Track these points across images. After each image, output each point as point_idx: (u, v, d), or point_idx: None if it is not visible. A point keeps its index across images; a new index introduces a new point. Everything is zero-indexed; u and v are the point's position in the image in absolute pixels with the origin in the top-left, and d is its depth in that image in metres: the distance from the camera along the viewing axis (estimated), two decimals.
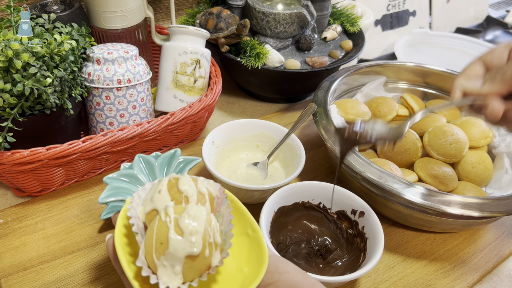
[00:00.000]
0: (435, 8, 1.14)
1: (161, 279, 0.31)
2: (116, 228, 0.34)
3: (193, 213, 0.31)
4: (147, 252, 0.31)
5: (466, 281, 0.53)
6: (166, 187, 0.34)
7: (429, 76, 0.75)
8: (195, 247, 0.30)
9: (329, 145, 0.56)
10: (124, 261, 0.32)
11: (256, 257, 0.34)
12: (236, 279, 0.34)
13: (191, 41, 0.65)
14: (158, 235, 0.31)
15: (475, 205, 0.49)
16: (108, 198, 0.35)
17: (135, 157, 0.39)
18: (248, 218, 0.37)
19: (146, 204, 0.34)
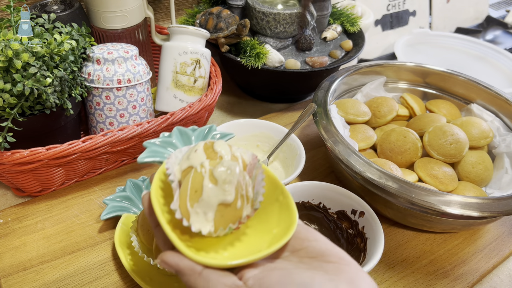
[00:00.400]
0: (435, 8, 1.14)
1: (194, 224, 0.32)
2: (153, 185, 0.35)
3: (227, 165, 0.33)
4: (181, 200, 0.33)
5: (466, 281, 0.53)
6: (202, 147, 0.35)
7: (429, 76, 0.75)
8: (228, 195, 0.32)
9: (329, 145, 0.56)
10: (159, 209, 0.33)
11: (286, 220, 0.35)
12: (265, 238, 0.35)
13: (191, 41, 0.65)
14: (193, 184, 0.32)
15: (475, 205, 0.49)
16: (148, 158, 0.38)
17: (174, 128, 0.42)
18: (279, 185, 0.38)
19: (183, 162, 0.35)
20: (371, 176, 0.51)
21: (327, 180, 0.58)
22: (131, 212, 0.55)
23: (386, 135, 0.64)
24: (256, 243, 0.35)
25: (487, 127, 0.65)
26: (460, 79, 0.73)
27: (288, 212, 0.36)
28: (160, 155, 0.39)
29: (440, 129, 0.62)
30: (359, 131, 0.65)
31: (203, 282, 0.30)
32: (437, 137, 0.62)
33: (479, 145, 0.64)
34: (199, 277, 0.30)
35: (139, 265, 0.49)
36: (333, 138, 0.57)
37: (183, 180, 0.34)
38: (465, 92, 0.73)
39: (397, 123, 0.71)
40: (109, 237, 0.54)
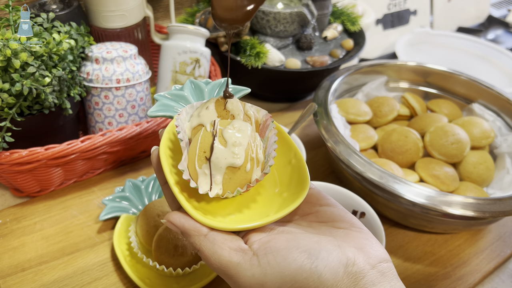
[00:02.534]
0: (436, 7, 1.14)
1: (201, 186, 0.31)
2: (162, 141, 0.34)
3: (238, 126, 0.32)
4: (189, 161, 0.32)
5: (468, 282, 0.52)
6: (214, 104, 0.34)
7: (430, 75, 0.75)
8: (237, 158, 0.31)
9: (330, 145, 0.56)
10: (167, 168, 0.32)
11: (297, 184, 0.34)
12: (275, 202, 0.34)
13: (191, 40, 0.64)
14: (202, 144, 0.31)
15: (477, 205, 0.49)
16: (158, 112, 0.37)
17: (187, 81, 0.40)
18: (293, 147, 0.37)
19: (193, 119, 0.34)
20: (372, 177, 0.51)
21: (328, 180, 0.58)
22: (130, 212, 0.54)
23: (387, 135, 0.64)
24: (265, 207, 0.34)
25: (488, 127, 0.65)
26: (461, 78, 0.72)
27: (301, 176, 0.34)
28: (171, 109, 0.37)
29: (442, 129, 0.62)
30: (360, 131, 0.65)
31: (208, 244, 0.29)
32: (439, 137, 0.61)
33: (481, 145, 0.63)
34: (205, 238, 0.30)
35: (138, 266, 0.49)
36: (333, 138, 0.56)
37: (193, 138, 0.33)
38: (467, 92, 0.73)
39: (398, 123, 0.71)
40: (108, 238, 0.54)
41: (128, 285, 0.49)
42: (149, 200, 0.56)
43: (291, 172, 0.35)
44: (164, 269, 0.46)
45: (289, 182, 0.35)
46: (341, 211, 0.32)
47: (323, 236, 0.29)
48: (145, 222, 0.50)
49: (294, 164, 0.36)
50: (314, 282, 0.27)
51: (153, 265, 0.47)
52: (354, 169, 0.52)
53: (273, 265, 0.28)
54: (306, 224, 0.32)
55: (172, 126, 0.36)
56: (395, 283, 0.28)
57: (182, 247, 0.47)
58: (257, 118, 0.35)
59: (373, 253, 0.29)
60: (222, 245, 0.29)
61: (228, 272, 0.29)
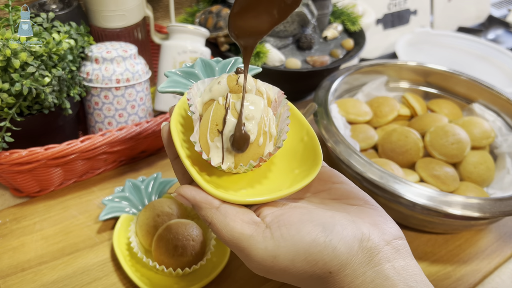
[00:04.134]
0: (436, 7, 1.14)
1: (213, 159, 0.31)
2: (173, 116, 0.33)
3: (251, 100, 0.31)
4: (201, 134, 0.31)
5: (468, 282, 0.52)
6: (226, 79, 0.33)
7: (431, 75, 0.75)
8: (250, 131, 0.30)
9: (330, 145, 0.56)
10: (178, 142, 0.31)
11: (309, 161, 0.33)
12: (287, 178, 0.33)
13: (191, 40, 0.64)
14: (214, 116, 0.31)
15: (477, 205, 0.48)
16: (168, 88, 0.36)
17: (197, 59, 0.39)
18: (305, 125, 0.36)
19: (204, 94, 0.34)
20: (372, 177, 0.51)
21: None
22: (130, 212, 0.54)
23: (388, 135, 0.64)
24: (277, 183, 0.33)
25: (489, 127, 0.65)
26: (461, 78, 0.72)
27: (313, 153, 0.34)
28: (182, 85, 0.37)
29: (442, 129, 0.62)
30: (360, 131, 0.65)
31: (220, 217, 0.29)
32: (439, 137, 0.61)
33: (481, 145, 0.63)
34: (216, 211, 0.29)
35: (138, 266, 0.48)
36: (334, 138, 0.56)
37: (204, 112, 0.32)
38: (467, 92, 0.73)
39: (399, 123, 0.70)
40: (107, 238, 0.54)
41: (128, 285, 0.49)
42: (149, 200, 0.56)
43: (303, 150, 0.35)
44: (164, 269, 0.46)
45: (301, 159, 0.34)
46: (354, 188, 0.32)
47: (337, 212, 0.29)
48: (145, 222, 0.50)
49: (307, 142, 0.35)
50: (328, 256, 0.27)
51: (153, 265, 0.47)
52: (354, 169, 0.52)
53: (286, 238, 0.27)
54: (319, 201, 0.32)
55: (183, 102, 0.35)
56: (410, 261, 0.28)
57: (182, 247, 0.47)
58: (269, 95, 0.34)
59: (388, 229, 0.28)
60: (234, 217, 0.29)
61: (240, 244, 0.28)
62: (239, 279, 0.50)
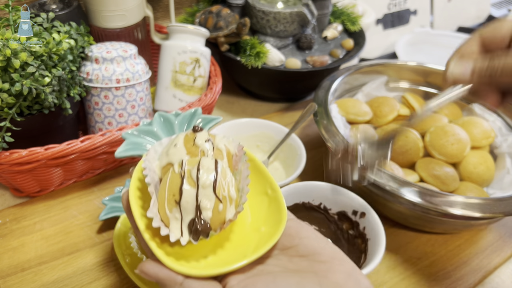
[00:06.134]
0: (436, 7, 1.13)
1: (173, 232, 0.30)
2: (131, 182, 0.33)
3: (206, 165, 0.30)
4: (160, 205, 0.30)
5: (468, 282, 0.52)
6: (183, 141, 0.33)
7: (431, 75, 0.75)
8: (207, 200, 0.29)
9: (330, 145, 0.56)
10: (137, 213, 0.31)
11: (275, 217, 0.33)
12: (253, 238, 0.33)
13: (191, 40, 0.64)
14: (170, 186, 0.30)
15: (477, 205, 0.48)
16: (126, 152, 0.35)
17: (155, 114, 0.38)
18: (268, 178, 0.36)
19: (162, 158, 0.33)
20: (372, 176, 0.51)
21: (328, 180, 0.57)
22: None
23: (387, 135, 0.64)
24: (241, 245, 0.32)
25: (488, 127, 0.65)
26: None
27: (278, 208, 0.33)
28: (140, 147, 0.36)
29: (442, 129, 0.62)
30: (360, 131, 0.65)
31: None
32: (439, 137, 0.61)
33: (481, 145, 0.63)
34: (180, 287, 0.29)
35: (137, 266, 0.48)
36: (334, 138, 0.56)
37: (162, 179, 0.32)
38: None
39: (399, 123, 0.70)
40: (107, 238, 0.54)
41: (128, 285, 0.49)
42: None
43: (268, 204, 0.34)
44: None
45: (267, 214, 0.34)
46: (321, 242, 0.31)
47: (303, 274, 0.29)
48: None
49: (271, 195, 0.35)
50: None
51: None
52: None
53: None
54: (287, 259, 0.31)
55: (140, 167, 0.34)
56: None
57: None
58: (228, 150, 0.33)
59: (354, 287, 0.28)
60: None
61: None
62: None
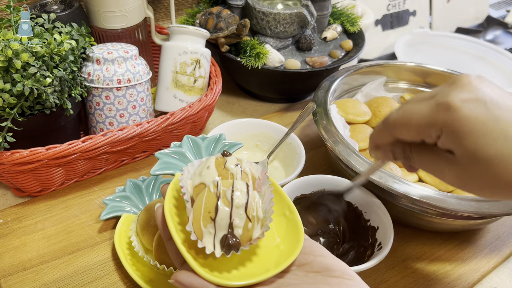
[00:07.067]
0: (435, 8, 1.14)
1: (206, 245, 0.33)
2: (166, 198, 0.36)
3: (239, 187, 0.34)
4: (194, 219, 0.34)
5: (467, 281, 0.52)
6: (214, 164, 0.37)
7: (430, 76, 0.75)
8: (240, 219, 0.33)
9: (329, 145, 0.56)
10: (173, 227, 0.34)
11: (293, 237, 0.37)
12: (273, 255, 0.37)
13: (191, 41, 0.65)
14: (206, 204, 0.33)
15: (476, 205, 0.49)
16: (160, 171, 0.40)
17: (184, 137, 0.43)
18: (286, 200, 0.40)
19: (195, 178, 0.37)
20: (372, 176, 0.51)
21: None
22: (131, 212, 0.55)
23: None
24: (264, 260, 0.36)
25: None
26: None
27: (295, 228, 0.38)
28: (173, 166, 0.40)
29: None
30: (359, 131, 0.65)
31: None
32: None
33: None
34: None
35: (139, 265, 0.49)
36: (333, 138, 0.57)
37: (196, 197, 0.35)
38: None
39: None
40: (109, 237, 0.54)
41: (129, 284, 0.49)
42: (149, 200, 0.57)
43: (286, 225, 0.39)
44: (165, 268, 0.46)
45: (285, 234, 0.38)
46: (333, 260, 0.35)
47: (320, 286, 0.32)
48: (146, 221, 0.50)
49: (289, 217, 0.39)
50: None
51: (153, 265, 0.47)
52: (353, 169, 0.53)
53: None
54: (303, 274, 0.34)
55: (175, 184, 0.38)
56: None
57: None
58: (253, 174, 0.37)
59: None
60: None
61: None
62: None
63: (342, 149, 0.55)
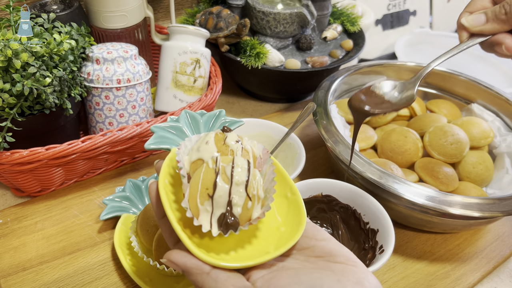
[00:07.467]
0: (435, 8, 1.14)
1: (202, 223, 0.31)
2: (161, 174, 0.34)
3: (240, 164, 0.32)
4: (191, 197, 0.32)
5: (467, 281, 0.52)
6: (213, 139, 0.34)
7: (430, 75, 0.75)
8: (239, 197, 0.31)
9: (330, 145, 0.56)
10: (167, 203, 0.32)
11: (294, 219, 0.35)
12: (273, 237, 0.34)
13: (191, 41, 0.64)
14: (204, 180, 0.31)
15: (476, 205, 0.49)
16: (155, 144, 0.37)
17: (182, 112, 0.41)
18: (288, 181, 0.37)
19: (192, 153, 0.34)
20: (372, 176, 0.51)
21: None
22: (130, 212, 0.55)
23: (387, 135, 0.64)
24: (264, 242, 0.34)
25: (487, 127, 0.65)
26: (460, 79, 0.73)
27: (297, 210, 0.35)
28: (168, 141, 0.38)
29: (441, 129, 0.62)
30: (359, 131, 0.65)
31: (211, 282, 0.29)
32: (438, 137, 0.61)
33: (480, 145, 0.64)
34: (207, 276, 0.30)
35: (138, 266, 0.49)
36: (333, 138, 0.57)
37: (193, 173, 0.33)
38: (466, 92, 0.73)
39: (398, 123, 0.71)
40: (108, 238, 0.54)
41: (129, 285, 0.49)
42: (149, 200, 0.56)
43: (288, 207, 0.36)
44: (165, 268, 0.46)
45: (286, 216, 0.36)
46: (336, 245, 0.33)
47: (322, 271, 0.30)
48: (146, 221, 0.50)
49: (291, 198, 0.36)
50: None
51: (153, 265, 0.47)
52: (353, 169, 0.53)
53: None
54: (304, 258, 0.32)
55: (170, 159, 0.36)
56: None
57: None
58: (254, 152, 0.35)
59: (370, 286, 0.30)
60: (225, 282, 0.29)
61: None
62: None
63: (342, 149, 0.54)
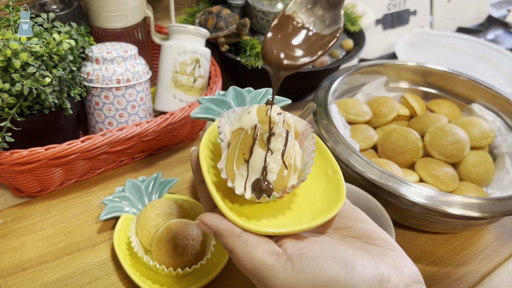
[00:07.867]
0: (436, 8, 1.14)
1: (237, 187, 0.31)
2: (202, 141, 0.35)
3: (279, 132, 0.32)
4: (228, 161, 0.32)
5: (467, 282, 0.52)
6: (256, 110, 0.35)
7: (430, 75, 0.75)
8: (275, 163, 0.31)
9: (330, 145, 0.56)
10: (205, 167, 0.32)
11: (332, 196, 0.34)
12: (309, 211, 0.33)
13: (191, 41, 0.64)
14: (241, 145, 0.31)
15: (476, 205, 0.49)
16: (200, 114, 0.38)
17: (230, 88, 0.41)
18: (330, 159, 0.37)
19: (234, 123, 0.35)
20: (372, 177, 0.51)
21: None
22: (130, 212, 0.54)
23: (387, 135, 0.64)
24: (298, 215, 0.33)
25: (488, 127, 0.65)
26: (461, 79, 0.72)
27: (336, 188, 0.35)
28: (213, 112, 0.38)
29: (441, 129, 0.62)
30: (359, 131, 0.65)
31: (241, 245, 0.29)
32: (438, 137, 0.61)
33: (480, 145, 0.64)
34: (238, 239, 0.29)
35: (138, 266, 0.49)
36: (333, 138, 0.56)
37: (232, 141, 0.33)
38: (466, 92, 0.73)
39: (398, 123, 0.71)
40: (108, 238, 0.54)
41: (128, 285, 0.49)
42: (149, 200, 0.56)
43: (327, 184, 0.36)
44: (164, 269, 0.46)
45: (324, 193, 0.35)
46: (376, 228, 0.32)
47: (357, 250, 0.29)
48: (145, 222, 0.50)
49: (331, 176, 0.36)
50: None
51: (153, 265, 0.47)
52: (354, 169, 0.52)
53: (307, 272, 0.27)
54: (340, 237, 0.31)
55: (213, 129, 0.36)
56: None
57: (182, 247, 0.47)
58: (296, 127, 0.35)
59: (407, 272, 0.29)
60: (255, 246, 0.29)
61: (260, 274, 0.28)
62: (239, 279, 0.50)
63: (342, 149, 0.54)
